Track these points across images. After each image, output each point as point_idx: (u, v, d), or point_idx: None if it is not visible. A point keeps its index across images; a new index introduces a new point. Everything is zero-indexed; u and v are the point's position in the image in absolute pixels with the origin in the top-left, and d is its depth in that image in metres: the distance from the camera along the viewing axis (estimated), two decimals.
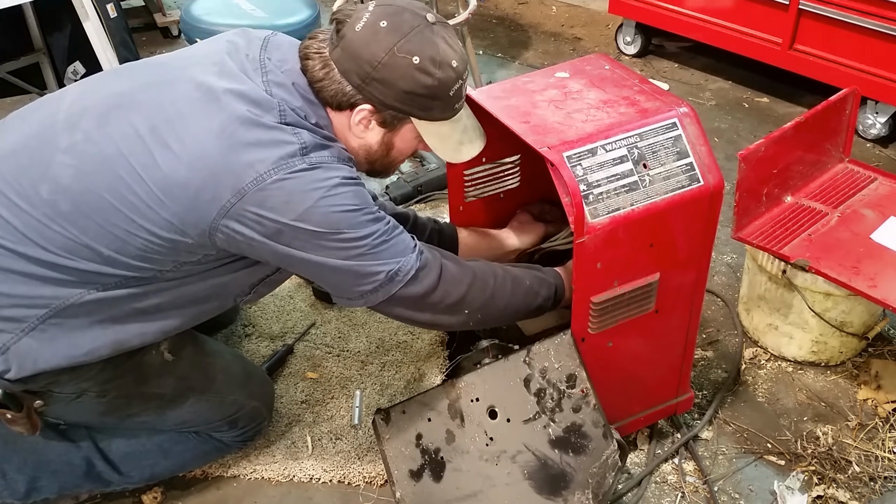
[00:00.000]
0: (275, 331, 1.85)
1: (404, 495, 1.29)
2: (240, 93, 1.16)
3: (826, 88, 2.36)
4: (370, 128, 1.24)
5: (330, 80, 1.20)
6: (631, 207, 1.25)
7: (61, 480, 1.40)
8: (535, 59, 3.23)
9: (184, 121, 1.15)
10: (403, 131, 1.27)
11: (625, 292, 1.31)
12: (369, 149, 1.28)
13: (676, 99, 1.35)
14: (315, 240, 1.16)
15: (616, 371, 1.43)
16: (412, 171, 2.38)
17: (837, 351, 1.74)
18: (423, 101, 1.21)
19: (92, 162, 1.16)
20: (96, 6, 2.44)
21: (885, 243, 1.64)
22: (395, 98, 1.20)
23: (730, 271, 2.06)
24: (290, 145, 1.14)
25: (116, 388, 1.34)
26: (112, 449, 1.43)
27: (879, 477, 1.51)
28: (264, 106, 1.16)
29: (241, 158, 1.12)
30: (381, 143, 1.28)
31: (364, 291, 1.22)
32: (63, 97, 1.25)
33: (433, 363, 1.75)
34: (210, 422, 1.45)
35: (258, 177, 1.12)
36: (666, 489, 1.51)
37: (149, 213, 1.14)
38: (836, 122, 1.81)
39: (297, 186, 1.13)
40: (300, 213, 1.13)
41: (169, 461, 1.46)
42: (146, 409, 1.39)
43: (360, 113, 1.22)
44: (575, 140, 1.25)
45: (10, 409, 1.25)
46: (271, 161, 1.12)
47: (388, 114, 1.23)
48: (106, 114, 1.18)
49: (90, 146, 1.16)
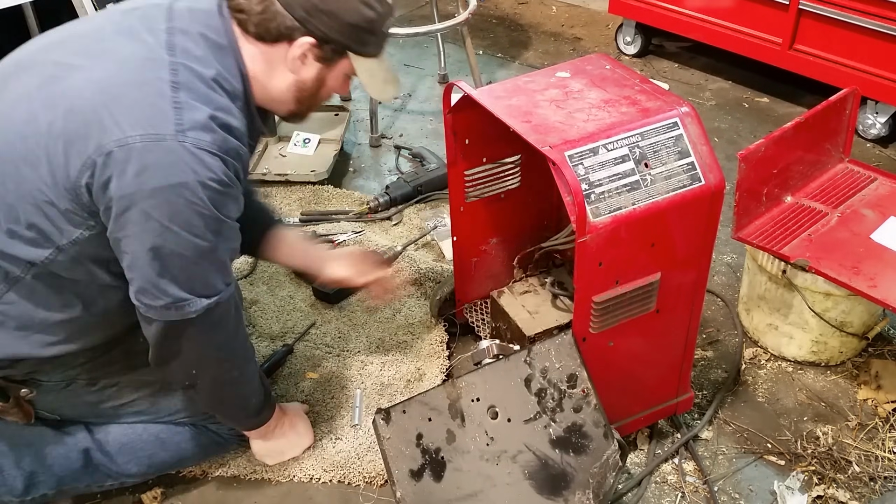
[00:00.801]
0: (275, 331, 1.84)
1: (405, 495, 1.29)
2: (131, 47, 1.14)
3: (826, 88, 2.36)
4: (307, 63, 1.24)
5: (270, 14, 1.18)
6: (632, 207, 1.25)
7: (59, 475, 1.39)
8: (535, 59, 3.23)
9: (69, 73, 1.14)
10: (338, 68, 1.27)
11: (626, 292, 1.31)
12: (302, 85, 1.27)
13: (678, 98, 1.35)
14: (143, 223, 1.10)
15: (616, 371, 1.43)
16: (412, 172, 2.38)
17: (837, 351, 1.74)
18: (363, 35, 1.22)
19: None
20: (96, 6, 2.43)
21: (885, 243, 1.64)
22: (339, 31, 1.20)
23: (730, 271, 2.06)
24: (166, 119, 1.08)
25: (106, 375, 1.34)
26: (109, 440, 1.43)
27: (879, 477, 1.51)
28: (155, 63, 1.12)
29: (112, 115, 1.09)
30: (315, 80, 1.27)
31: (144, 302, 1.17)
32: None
33: (433, 363, 1.74)
34: (203, 411, 1.45)
35: (122, 137, 1.08)
36: (666, 489, 1.51)
37: (30, 174, 1.12)
38: (836, 122, 1.81)
39: (156, 162, 1.08)
40: (151, 188, 1.08)
41: (166, 452, 1.46)
42: (138, 398, 1.39)
43: (301, 47, 1.21)
44: (576, 139, 1.25)
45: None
46: (142, 127, 1.08)
47: (329, 48, 1.22)
48: (5, 80, 1.19)
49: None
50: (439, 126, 2.67)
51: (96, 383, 1.34)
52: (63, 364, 1.28)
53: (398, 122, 2.76)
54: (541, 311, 1.59)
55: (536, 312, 1.58)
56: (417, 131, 2.71)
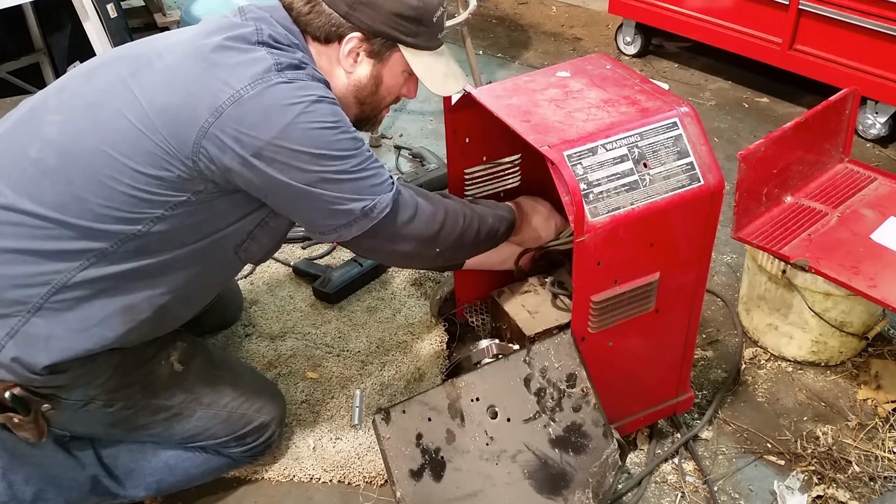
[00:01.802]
0: (275, 331, 1.85)
1: (405, 495, 1.29)
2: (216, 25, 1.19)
3: (826, 88, 2.36)
4: (359, 60, 1.26)
5: (316, 14, 1.21)
6: (631, 206, 1.25)
7: (67, 495, 1.38)
8: (535, 59, 3.23)
9: (160, 59, 1.18)
10: (392, 62, 1.28)
11: (625, 291, 1.31)
12: (359, 83, 1.29)
13: (677, 98, 1.35)
14: (294, 161, 1.14)
15: (616, 371, 1.43)
16: (412, 172, 2.38)
17: (837, 351, 1.74)
18: (410, 26, 1.23)
19: (77, 112, 1.18)
20: (96, 6, 2.44)
21: (885, 243, 1.63)
22: (384, 21, 1.22)
23: (730, 271, 2.06)
24: (265, 61, 1.14)
25: (124, 397, 1.33)
26: (117, 465, 1.42)
27: (879, 477, 1.51)
28: (239, 29, 1.18)
29: (216, 77, 1.13)
30: (371, 77, 1.29)
31: (338, 225, 1.21)
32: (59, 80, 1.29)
33: (433, 363, 1.74)
34: (217, 437, 1.43)
35: (234, 93, 1.12)
36: (666, 489, 1.51)
37: (131, 150, 1.14)
38: (836, 122, 1.81)
39: (274, 101, 1.12)
40: (279, 129, 1.12)
41: (175, 477, 1.45)
42: (153, 423, 1.38)
43: (350, 42, 1.23)
44: (575, 139, 1.25)
45: (19, 412, 1.25)
46: (247, 77, 1.12)
47: (377, 41, 1.24)
48: (93, 71, 1.22)
49: (76, 99, 1.19)
50: (439, 126, 2.67)
51: (113, 405, 1.32)
52: (87, 382, 1.27)
53: (398, 122, 2.76)
54: (541, 310, 1.59)
55: (536, 312, 1.58)
56: (417, 131, 2.71)
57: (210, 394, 1.42)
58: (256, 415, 1.46)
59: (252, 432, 1.46)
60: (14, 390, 1.23)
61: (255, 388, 1.50)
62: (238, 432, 1.44)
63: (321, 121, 1.15)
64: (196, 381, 1.41)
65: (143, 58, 1.20)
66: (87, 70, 1.25)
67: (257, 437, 1.47)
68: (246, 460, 1.50)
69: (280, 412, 1.52)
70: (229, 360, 1.58)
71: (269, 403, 1.49)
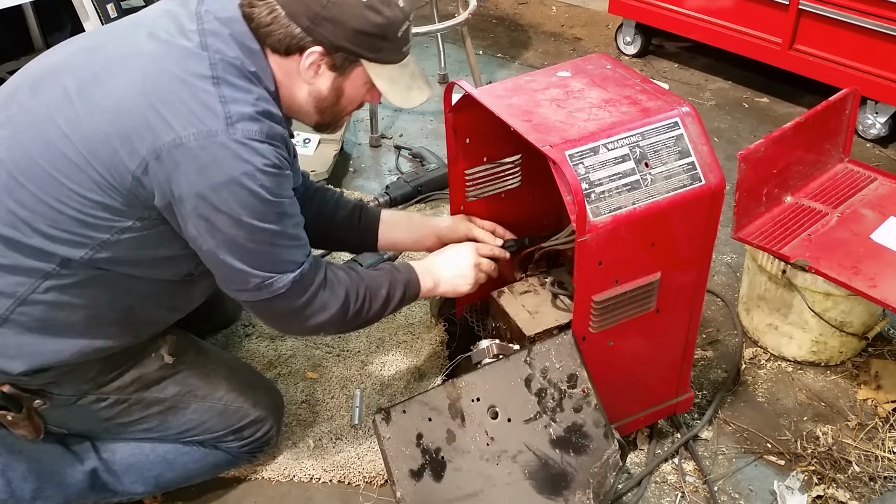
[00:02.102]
0: (275, 330, 1.84)
1: (405, 495, 1.29)
2: (168, 48, 1.15)
3: (826, 88, 2.36)
4: (320, 73, 1.23)
5: (277, 25, 1.18)
6: (633, 206, 1.25)
7: (66, 492, 1.39)
8: (535, 59, 3.23)
9: (109, 76, 1.15)
10: (353, 76, 1.26)
11: (626, 291, 1.31)
12: (319, 95, 1.26)
13: (678, 98, 1.35)
14: (212, 218, 1.14)
15: (616, 370, 1.43)
16: (412, 172, 2.38)
17: (837, 351, 1.74)
18: (373, 42, 1.20)
19: (24, 130, 1.16)
20: (96, 6, 2.43)
21: (885, 243, 1.64)
22: (346, 38, 1.18)
23: (730, 271, 2.06)
24: (215, 114, 1.11)
25: (116, 391, 1.34)
26: (116, 460, 1.42)
27: (879, 477, 1.51)
28: (193, 59, 1.14)
29: (160, 115, 1.11)
30: (332, 90, 1.26)
31: (232, 288, 1.24)
32: (5, 85, 1.26)
33: (433, 363, 1.74)
34: (214, 431, 1.43)
35: (176, 137, 1.10)
36: (666, 489, 1.51)
37: (77, 175, 1.13)
38: (836, 122, 1.81)
39: (214, 159, 1.11)
40: (210, 185, 1.12)
41: (174, 472, 1.45)
42: (148, 416, 1.39)
43: (311, 56, 1.20)
44: (577, 138, 1.25)
45: (10, 410, 1.25)
46: (194, 127, 1.10)
47: (339, 56, 1.21)
48: (38, 81, 1.19)
49: (24, 116, 1.17)
50: (439, 126, 2.67)
51: (106, 399, 1.33)
52: (76, 377, 1.28)
53: (398, 122, 2.76)
54: (541, 310, 1.59)
55: (536, 312, 1.58)
56: (417, 131, 2.71)
57: (204, 386, 1.42)
58: (252, 409, 1.46)
59: (249, 426, 1.46)
60: (3, 388, 1.24)
61: (250, 382, 1.50)
62: (235, 426, 1.44)
63: (254, 191, 1.13)
64: (189, 373, 1.41)
65: (89, 70, 1.17)
66: (35, 77, 1.21)
67: (254, 431, 1.47)
68: (244, 457, 1.50)
69: (277, 408, 1.52)
70: (223, 356, 1.58)
71: (266, 398, 1.50)
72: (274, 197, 1.16)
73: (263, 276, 1.21)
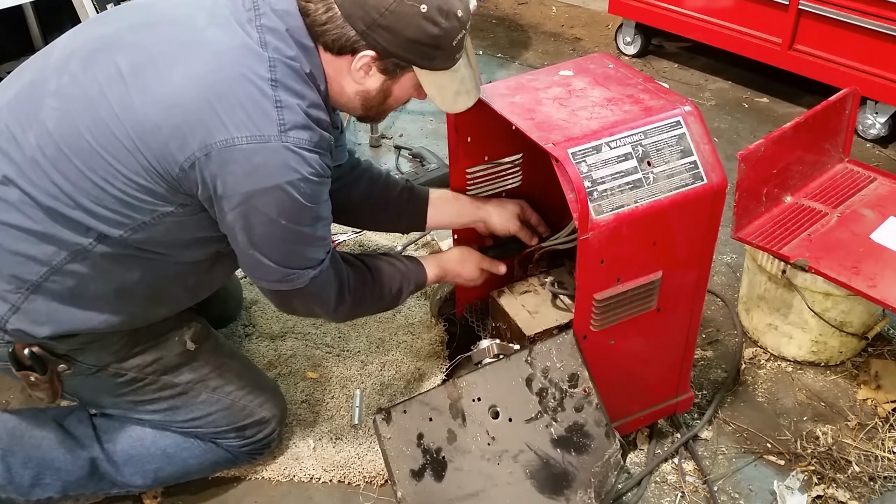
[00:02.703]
0: (275, 331, 1.84)
1: (405, 495, 1.29)
2: (228, 41, 1.14)
3: (826, 88, 2.36)
4: (370, 74, 1.23)
5: (333, 25, 1.17)
6: (635, 205, 1.25)
7: (65, 480, 1.39)
8: (535, 59, 3.23)
9: (167, 63, 1.14)
10: (403, 80, 1.26)
11: (627, 290, 1.31)
12: (367, 94, 1.27)
13: (680, 97, 1.35)
14: (251, 216, 1.16)
15: (617, 370, 1.42)
16: (412, 172, 2.37)
17: (837, 351, 1.74)
18: (427, 51, 1.20)
19: (75, 103, 1.16)
20: (96, 6, 2.43)
21: (885, 243, 1.64)
22: (400, 46, 1.18)
23: (730, 271, 2.06)
24: (270, 120, 1.12)
25: (135, 368, 1.36)
26: (117, 451, 1.43)
27: (879, 477, 1.51)
28: (253, 58, 1.14)
29: (216, 113, 1.11)
30: (380, 91, 1.27)
31: (255, 276, 1.28)
32: (54, 46, 1.25)
33: (433, 363, 1.74)
34: (218, 425, 1.44)
35: (229, 138, 1.11)
36: (666, 489, 1.51)
37: (125, 157, 1.14)
38: (836, 122, 1.81)
39: (263, 163, 1.12)
40: (256, 189, 1.13)
41: (173, 467, 1.45)
42: (159, 399, 1.41)
43: (363, 59, 1.20)
44: (580, 137, 1.25)
45: (36, 371, 1.28)
46: (247, 129, 1.11)
47: (391, 62, 1.21)
48: (92, 55, 1.18)
49: (75, 88, 1.17)
50: (439, 126, 2.67)
51: (125, 374, 1.36)
52: (102, 347, 1.31)
53: (398, 123, 2.76)
54: (541, 310, 1.58)
55: (536, 312, 1.58)
56: (417, 131, 2.71)
57: (216, 379, 1.44)
58: (258, 409, 1.47)
59: (252, 425, 1.47)
60: (33, 348, 1.27)
61: (259, 383, 1.52)
62: (239, 423, 1.45)
63: (295, 198, 1.15)
64: (205, 364, 1.43)
65: (145, 53, 1.16)
66: (87, 49, 1.20)
67: (257, 431, 1.47)
68: (244, 457, 1.50)
69: (281, 412, 1.53)
70: (238, 353, 1.60)
71: (272, 401, 1.51)
72: (312, 203, 1.19)
73: (287, 271, 1.25)
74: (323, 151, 1.19)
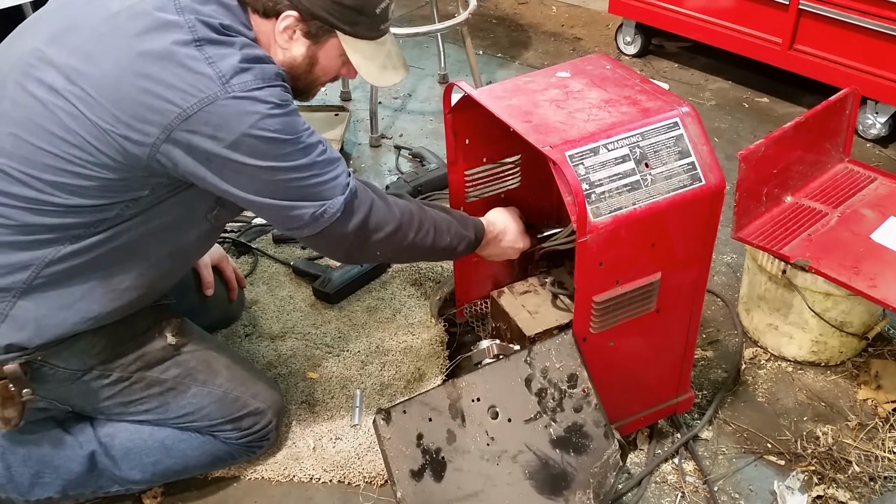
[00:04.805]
0: (275, 331, 1.84)
1: (405, 495, 1.29)
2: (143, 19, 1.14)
3: (826, 88, 2.36)
4: (294, 38, 1.24)
5: None
6: (633, 207, 1.25)
7: (64, 478, 1.40)
8: (535, 59, 3.23)
9: (95, 63, 1.14)
10: (328, 46, 1.27)
11: (626, 292, 1.31)
12: (293, 62, 1.27)
13: (678, 98, 1.35)
14: (245, 171, 1.16)
15: (617, 371, 1.43)
16: (412, 172, 2.38)
17: (837, 351, 1.74)
18: (350, 14, 1.21)
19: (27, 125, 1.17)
20: None
21: (885, 243, 1.64)
22: (322, 7, 1.20)
23: (730, 271, 2.06)
24: (208, 77, 1.12)
25: (120, 368, 1.36)
26: (115, 444, 1.43)
27: (879, 477, 1.51)
28: (171, 28, 1.14)
29: (159, 96, 1.12)
30: (305, 57, 1.27)
31: (290, 227, 1.25)
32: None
33: (433, 363, 1.74)
34: (212, 418, 1.44)
35: (181, 112, 1.12)
36: (666, 489, 1.51)
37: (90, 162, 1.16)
38: (836, 122, 1.81)
39: (223, 121, 1.13)
40: (229, 142, 1.14)
41: (171, 459, 1.45)
42: (148, 397, 1.40)
43: (286, 20, 1.21)
44: (577, 139, 1.25)
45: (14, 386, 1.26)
46: (192, 95, 1.11)
47: (314, 24, 1.22)
48: (26, 75, 1.18)
49: (19, 111, 1.18)
50: (439, 126, 2.67)
51: (109, 375, 1.35)
52: (84, 350, 1.31)
53: (398, 122, 2.76)
54: (541, 311, 1.59)
55: (536, 312, 1.58)
56: (417, 131, 2.71)
57: (205, 371, 1.44)
58: (252, 400, 1.47)
59: (247, 416, 1.46)
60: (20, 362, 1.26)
61: (250, 374, 1.52)
62: (233, 415, 1.45)
63: (268, 137, 1.15)
64: (190, 357, 1.43)
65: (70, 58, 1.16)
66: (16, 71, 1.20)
67: (253, 423, 1.47)
68: (243, 450, 1.50)
69: (276, 403, 1.52)
70: (225, 347, 1.60)
71: (265, 391, 1.51)
72: (290, 135, 1.17)
73: (314, 206, 1.22)
74: (273, 83, 1.17)
